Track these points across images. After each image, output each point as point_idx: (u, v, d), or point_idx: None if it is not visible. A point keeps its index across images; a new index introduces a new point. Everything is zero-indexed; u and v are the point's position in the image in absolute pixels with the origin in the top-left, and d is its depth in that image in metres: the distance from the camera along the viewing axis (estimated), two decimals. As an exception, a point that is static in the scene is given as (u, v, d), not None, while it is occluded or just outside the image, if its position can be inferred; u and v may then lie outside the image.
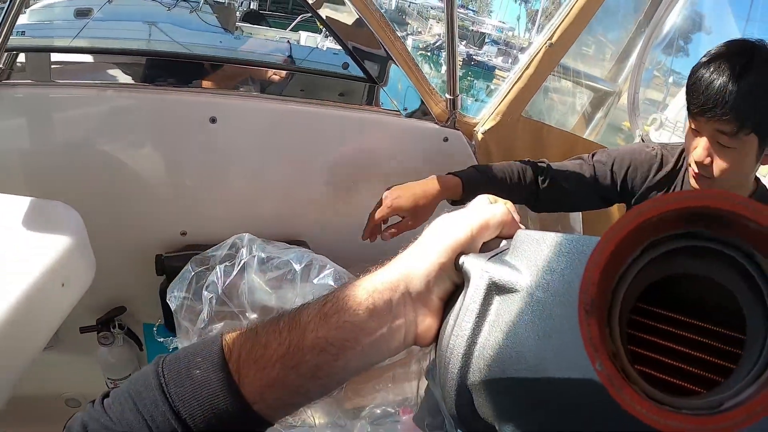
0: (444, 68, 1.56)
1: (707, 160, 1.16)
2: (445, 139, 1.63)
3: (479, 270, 0.45)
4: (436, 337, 0.50)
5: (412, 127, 1.62)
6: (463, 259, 0.47)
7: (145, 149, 1.46)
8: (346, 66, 1.69)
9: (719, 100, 1.09)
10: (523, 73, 1.64)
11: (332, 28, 1.54)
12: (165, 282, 1.52)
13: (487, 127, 1.67)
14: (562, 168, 1.39)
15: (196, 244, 1.54)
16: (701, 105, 1.12)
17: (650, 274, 0.34)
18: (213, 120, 1.44)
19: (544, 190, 1.37)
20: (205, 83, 1.57)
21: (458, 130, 1.64)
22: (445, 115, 1.62)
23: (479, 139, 1.67)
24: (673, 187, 1.33)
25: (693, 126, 1.19)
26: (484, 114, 1.70)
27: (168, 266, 1.48)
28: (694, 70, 1.15)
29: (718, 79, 1.10)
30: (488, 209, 0.52)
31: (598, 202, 1.43)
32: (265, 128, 1.52)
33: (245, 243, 1.36)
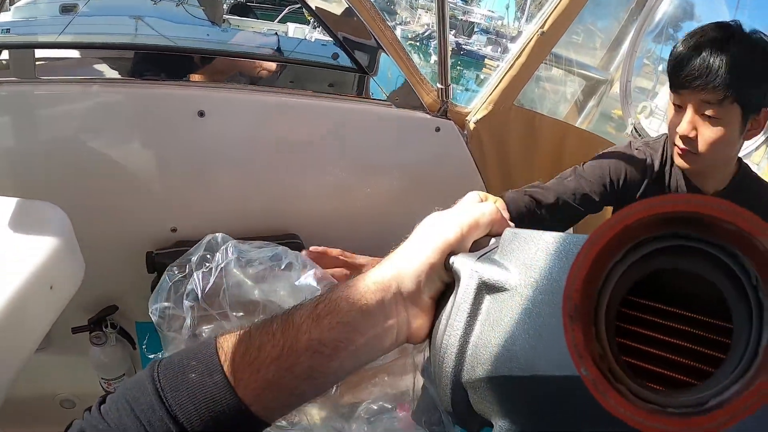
0: (433, 58, 1.56)
1: (692, 133, 1.19)
2: (437, 129, 1.62)
3: (469, 270, 0.46)
4: (428, 335, 0.51)
5: (403, 117, 1.60)
6: (453, 259, 0.48)
7: (132, 145, 1.44)
8: (335, 56, 1.68)
9: (704, 70, 1.13)
10: (515, 62, 1.63)
11: (322, 18, 1.52)
12: (156, 279, 1.51)
13: (479, 116, 1.66)
14: (560, 194, 1.35)
15: (186, 240, 1.52)
16: (686, 76, 1.15)
17: (636, 271, 0.34)
18: (201, 114, 1.42)
19: (550, 218, 1.33)
20: (193, 77, 1.55)
21: (450, 119, 1.63)
22: (436, 104, 1.60)
23: (471, 128, 1.66)
24: (668, 183, 1.34)
25: (676, 102, 1.22)
26: (476, 103, 1.69)
27: (159, 263, 1.47)
28: (675, 48, 1.20)
29: (702, 51, 1.14)
30: (478, 208, 0.52)
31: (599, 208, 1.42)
32: (254, 121, 1.50)
33: (219, 242, 1.33)
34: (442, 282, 0.50)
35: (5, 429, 1.58)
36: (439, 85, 1.57)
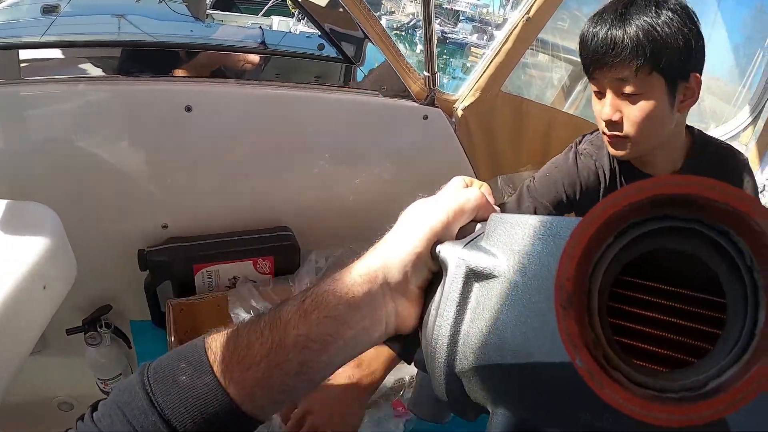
0: (418, 47, 1.55)
1: (616, 116, 1.12)
2: (425, 117, 1.62)
3: (456, 258, 0.45)
4: (417, 324, 0.50)
5: (390, 106, 1.60)
6: (439, 248, 0.48)
7: (120, 143, 1.43)
8: (321, 47, 1.67)
9: (608, 44, 1.07)
10: (501, 48, 1.63)
11: (307, 10, 1.51)
12: (149, 277, 1.50)
13: (466, 103, 1.66)
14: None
15: (178, 236, 1.52)
16: (592, 56, 1.11)
17: (627, 254, 0.33)
18: (188, 109, 1.41)
19: None
20: (179, 72, 1.53)
21: (437, 107, 1.63)
22: (423, 92, 1.60)
23: (459, 115, 1.67)
24: (619, 179, 1.28)
25: (595, 89, 1.16)
26: (464, 90, 1.69)
27: (150, 261, 1.46)
28: (581, 33, 1.14)
29: (603, 27, 1.09)
30: (462, 193, 0.51)
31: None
32: (241, 114, 1.50)
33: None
34: (430, 271, 0.49)
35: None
36: (425, 73, 1.57)
